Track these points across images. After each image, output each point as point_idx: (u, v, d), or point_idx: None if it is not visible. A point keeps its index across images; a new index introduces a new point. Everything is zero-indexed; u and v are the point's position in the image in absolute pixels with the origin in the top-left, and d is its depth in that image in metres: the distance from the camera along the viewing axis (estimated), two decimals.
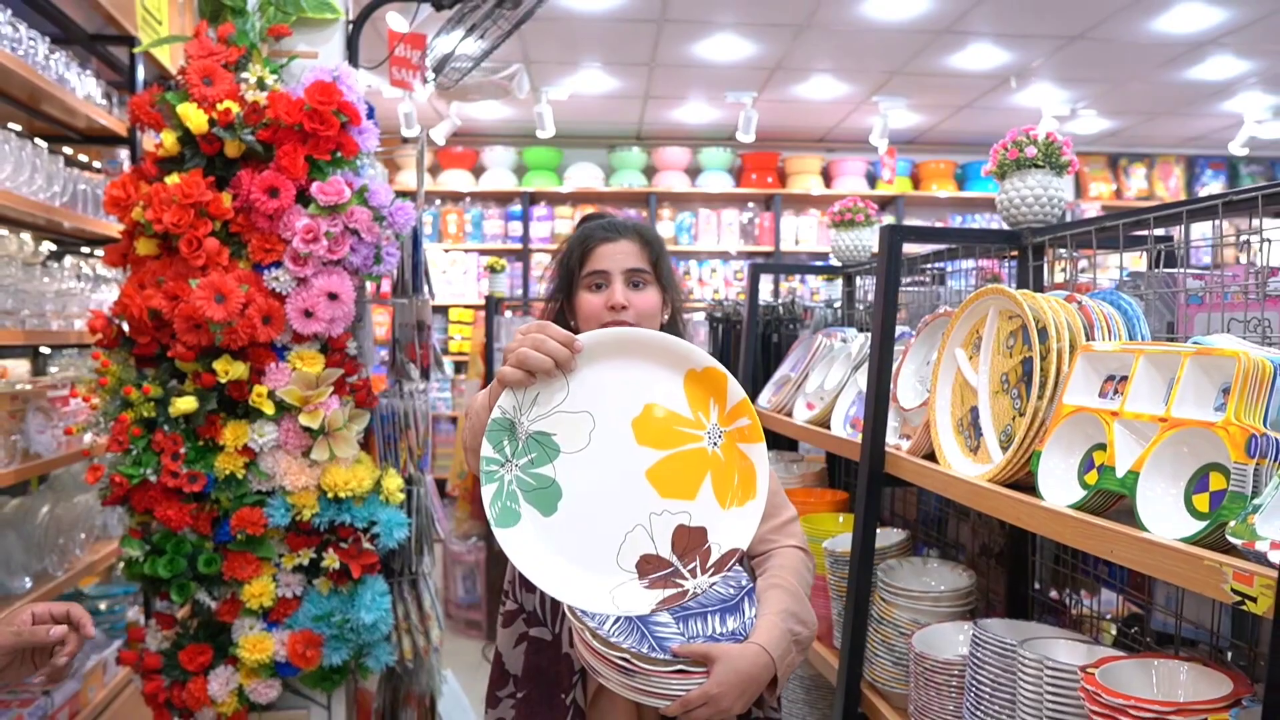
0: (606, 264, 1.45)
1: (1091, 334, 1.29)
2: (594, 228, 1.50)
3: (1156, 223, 1.35)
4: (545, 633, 1.47)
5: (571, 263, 1.48)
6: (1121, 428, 1.09)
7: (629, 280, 1.45)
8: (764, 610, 1.33)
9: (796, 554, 1.45)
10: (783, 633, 1.29)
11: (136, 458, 2.16)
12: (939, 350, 1.55)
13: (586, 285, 1.46)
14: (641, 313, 1.44)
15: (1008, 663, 1.23)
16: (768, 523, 1.47)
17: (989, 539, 1.87)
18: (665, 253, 1.52)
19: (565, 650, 1.44)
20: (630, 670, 1.21)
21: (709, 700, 1.21)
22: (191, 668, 2.24)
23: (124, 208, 2.19)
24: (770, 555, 1.45)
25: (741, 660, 1.24)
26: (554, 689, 1.44)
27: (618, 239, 1.46)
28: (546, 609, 1.47)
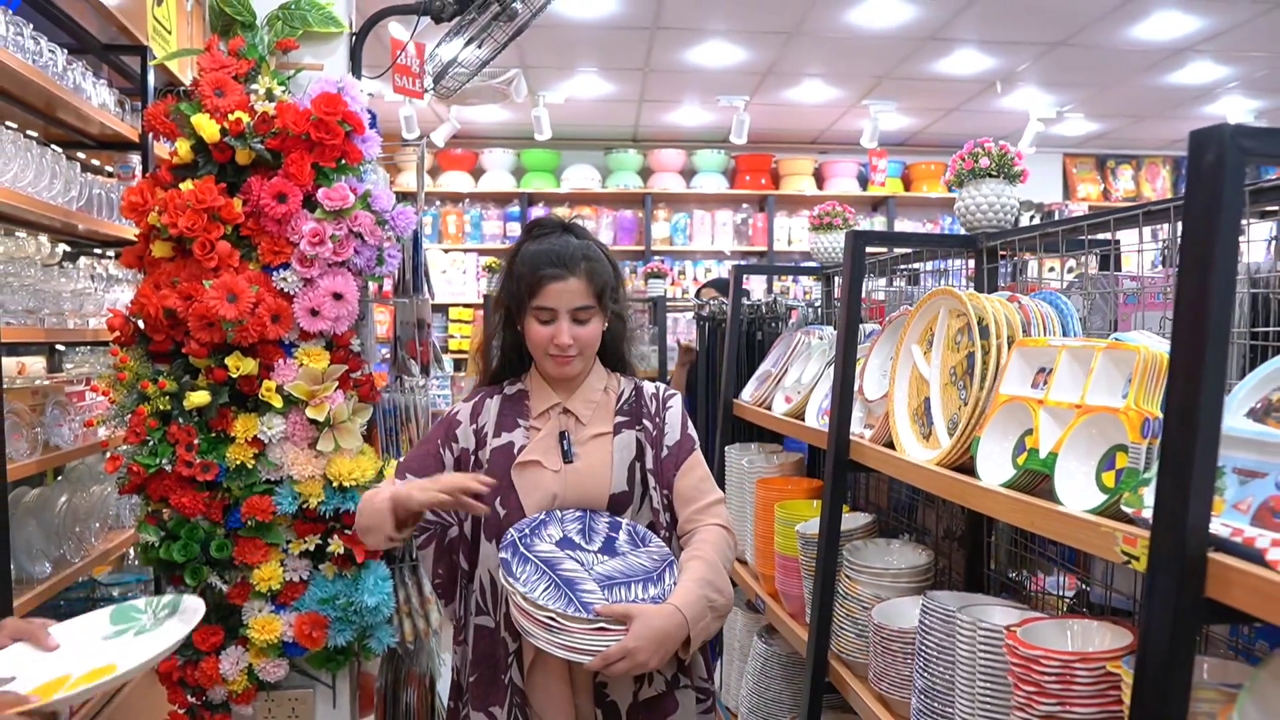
0: (554, 302, 1.60)
1: (1029, 330, 1.43)
2: (544, 259, 1.62)
3: (1091, 229, 1.48)
4: (488, 619, 1.61)
5: (521, 291, 1.63)
6: (1045, 414, 1.23)
7: (574, 317, 1.61)
8: (683, 578, 1.48)
9: (719, 531, 1.60)
10: (698, 597, 1.44)
11: (153, 448, 2.25)
12: (898, 346, 1.68)
13: (535, 315, 1.62)
14: (584, 344, 1.62)
15: (950, 627, 1.36)
16: (693, 505, 1.62)
17: (951, 523, 2.00)
18: (612, 279, 1.66)
19: (502, 634, 1.58)
20: (555, 628, 1.36)
21: (626, 654, 1.35)
22: (204, 648, 2.34)
23: (141, 212, 2.30)
24: (696, 531, 1.60)
25: (657, 619, 1.38)
26: (495, 670, 1.59)
27: (567, 278, 1.60)
28: (488, 598, 1.61)
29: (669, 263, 7.14)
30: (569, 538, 1.55)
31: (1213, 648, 1.22)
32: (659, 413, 1.68)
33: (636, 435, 1.65)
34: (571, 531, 1.57)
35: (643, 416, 1.67)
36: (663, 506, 1.63)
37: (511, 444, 1.64)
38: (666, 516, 1.64)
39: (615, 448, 1.63)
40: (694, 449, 1.68)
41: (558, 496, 1.60)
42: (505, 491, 1.61)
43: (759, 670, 2.36)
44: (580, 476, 1.61)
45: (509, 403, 1.70)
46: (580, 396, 1.67)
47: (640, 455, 1.64)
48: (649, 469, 1.63)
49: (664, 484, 1.64)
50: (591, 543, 1.56)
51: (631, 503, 1.63)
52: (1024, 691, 1.11)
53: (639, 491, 1.63)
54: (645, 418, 1.67)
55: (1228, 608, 0.83)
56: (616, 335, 1.72)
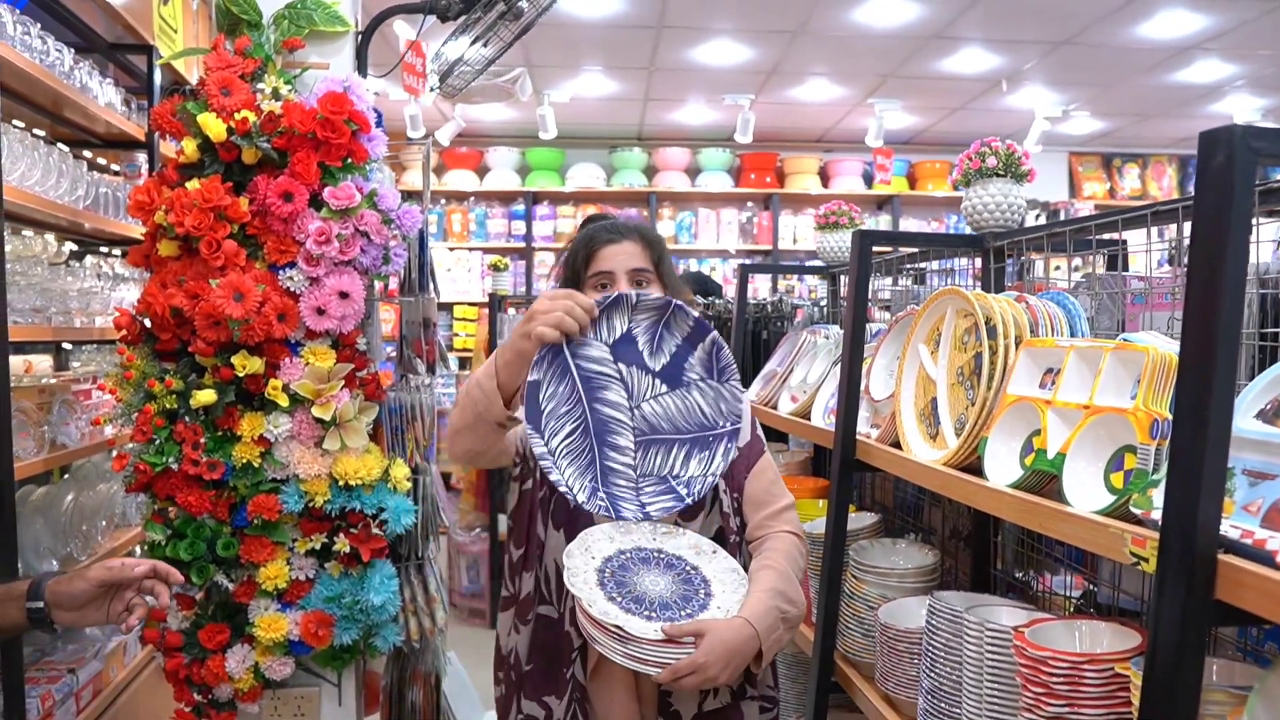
0: (611, 264, 1.53)
1: (1037, 331, 1.42)
2: (598, 229, 1.58)
3: (1099, 229, 1.48)
4: (551, 610, 1.54)
5: (577, 263, 1.57)
6: (1054, 414, 1.22)
7: (633, 280, 1.53)
8: (754, 588, 1.41)
9: (790, 539, 1.53)
10: (768, 609, 1.37)
11: (159, 447, 2.25)
12: (905, 346, 1.68)
13: (592, 285, 1.54)
14: None
15: (957, 628, 1.36)
16: (764, 510, 1.55)
17: (958, 522, 2.00)
18: (667, 253, 1.61)
19: (567, 628, 1.51)
20: (624, 639, 1.29)
21: (696, 669, 1.29)
22: (210, 646, 2.34)
23: (147, 211, 2.30)
24: (766, 539, 1.53)
25: (728, 633, 1.32)
26: (557, 663, 1.52)
27: (621, 240, 1.55)
28: (552, 588, 1.54)
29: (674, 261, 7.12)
30: (631, 334, 1.40)
31: (1221, 649, 1.22)
32: None
33: None
34: (637, 330, 1.41)
35: None
36: (733, 510, 1.56)
37: None
38: (736, 521, 1.57)
39: None
40: (764, 450, 1.62)
41: None
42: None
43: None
44: None
45: None
46: None
47: None
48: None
49: (734, 487, 1.57)
50: (655, 357, 1.40)
51: (703, 507, 1.55)
52: (1032, 692, 1.10)
53: (710, 495, 1.56)
54: None
55: (1238, 610, 0.83)
56: None
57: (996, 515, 1.24)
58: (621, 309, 1.43)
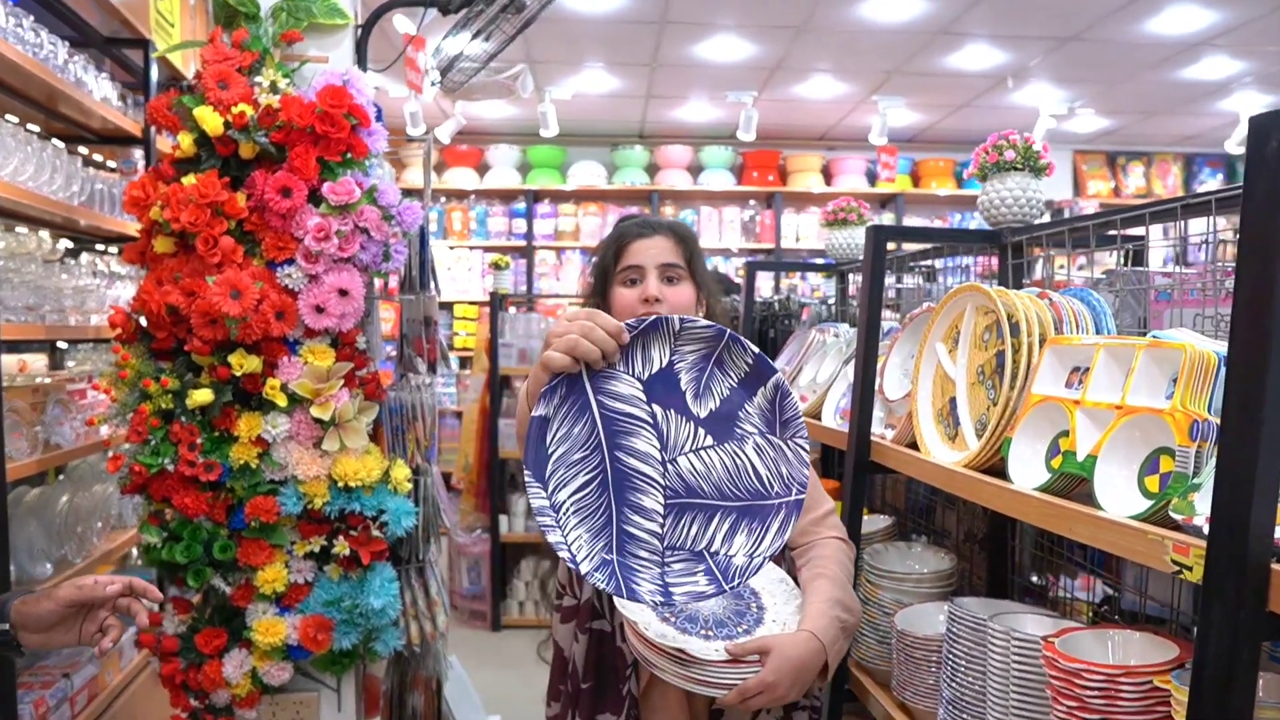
0: (641, 259, 1.48)
1: (1061, 328, 1.37)
2: (628, 226, 1.54)
3: (1124, 224, 1.43)
4: (605, 624, 1.49)
5: (606, 260, 1.51)
6: (1083, 415, 1.17)
7: (663, 275, 1.48)
8: (812, 599, 1.35)
9: (837, 544, 1.48)
10: (831, 620, 1.31)
11: (155, 448, 2.22)
12: (921, 344, 1.63)
13: (621, 280, 1.49)
14: (675, 306, 1.45)
15: (980, 636, 1.31)
16: (807, 515, 1.49)
17: (973, 525, 1.95)
18: (699, 250, 1.56)
19: (619, 643, 1.46)
20: (685, 661, 1.20)
21: (765, 688, 1.23)
22: (207, 650, 2.30)
23: (143, 207, 2.26)
24: (812, 546, 1.48)
25: (795, 649, 1.25)
26: (614, 679, 1.46)
27: (652, 235, 1.50)
28: (604, 601, 1.48)
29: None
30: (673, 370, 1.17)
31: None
32: None
33: None
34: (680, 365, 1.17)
35: None
36: None
37: None
38: None
39: None
40: None
41: None
42: None
43: None
44: None
45: None
46: None
47: None
48: None
49: None
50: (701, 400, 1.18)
51: None
52: (1064, 706, 1.06)
53: None
54: None
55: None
56: (713, 318, 1.56)
57: (1023, 520, 1.19)
58: (661, 336, 1.16)
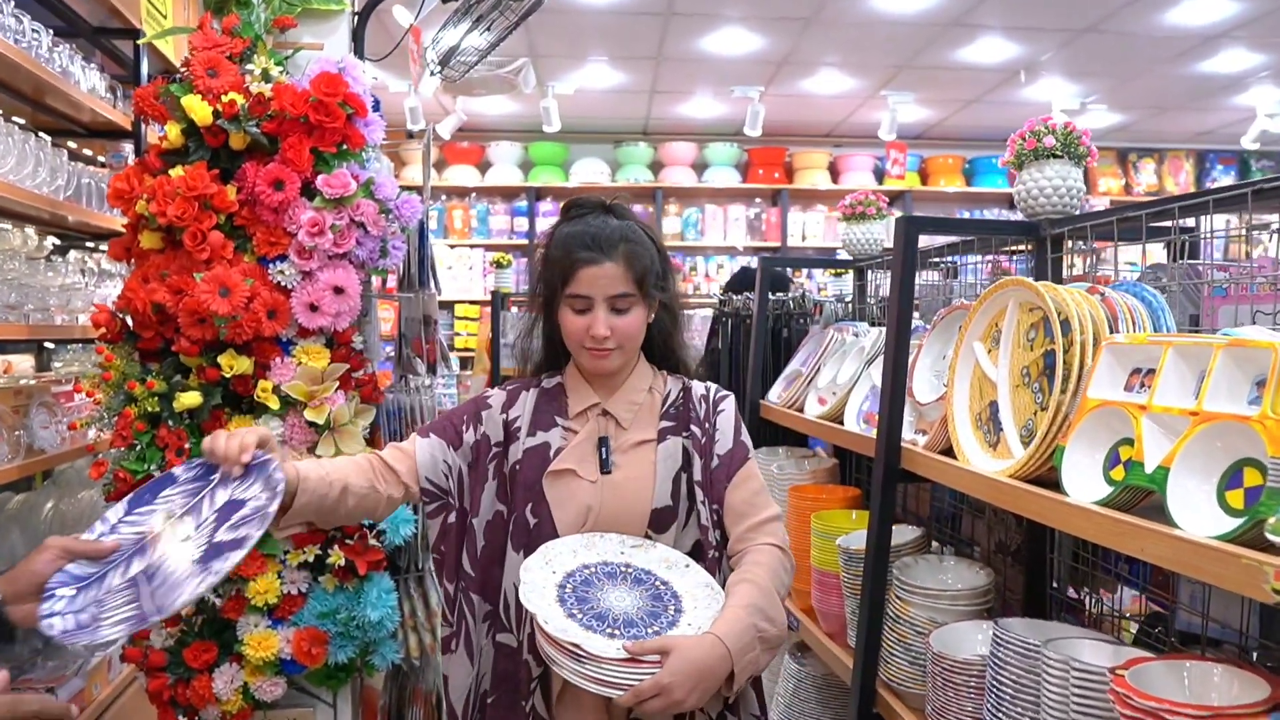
0: (589, 290, 1.44)
1: (1115, 326, 1.26)
2: (579, 241, 1.46)
3: (1181, 213, 1.32)
4: (510, 638, 1.46)
5: (554, 278, 1.47)
6: (1150, 422, 1.06)
7: (612, 305, 1.44)
8: (730, 603, 1.32)
9: (773, 551, 1.43)
10: (745, 627, 1.27)
11: (140, 453, 2.14)
12: (956, 344, 1.52)
13: (569, 303, 1.46)
14: (624, 336, 1.45)
15: (1031, 663, 1.20)
16: (745, 522, 1.45)
17: (1005, 536, 1.84)
18: (652, 261, 1.48)
19: (525, 656, 1.43)
20: (581, 657, 1.21)
21: (661, 690, 1.19)
22: (196, 665, 2.22)
23: (128, 201, 2.16)
24: (746, 552, 1.43)
25: (696, 651, 1.22)
26: (515, 695, 1.44)
27: (603, 261, 1.44)
28: (511, 614, 1.46)
29: (680, 258, 6.98)
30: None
31: None
32: (709, 416, 1.51)
33: (683, 442, 1.48)
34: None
35: (690, 421, 1.50)
36: (711, 523, 1.46)
37: (547, 446, 1.48)
38: (716, 534, 1.46)
39: (659, 457, 1.47)
40: (748, 458, 1.51)
41: (592, 509, 1.44)
42: (536, 500, 1.45)
43: (791, 692, 2.21)
44: (619, 489, 1.45)
45: (545, 398, 1.54)
46: (622, 397, 1.50)
47: (687, 465, 1.47)
48: (696, 480, 1.46)
49: (714, 498, 1.47)
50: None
51: (676, 519, 1.45)
52: None
53: (684, 506, 1.46)
54: (694, 422, 1.49)
55: None
56: (664, 328, 1.54)
57: (1083, 537, 1.08)
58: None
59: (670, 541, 1.45)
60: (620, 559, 1.40)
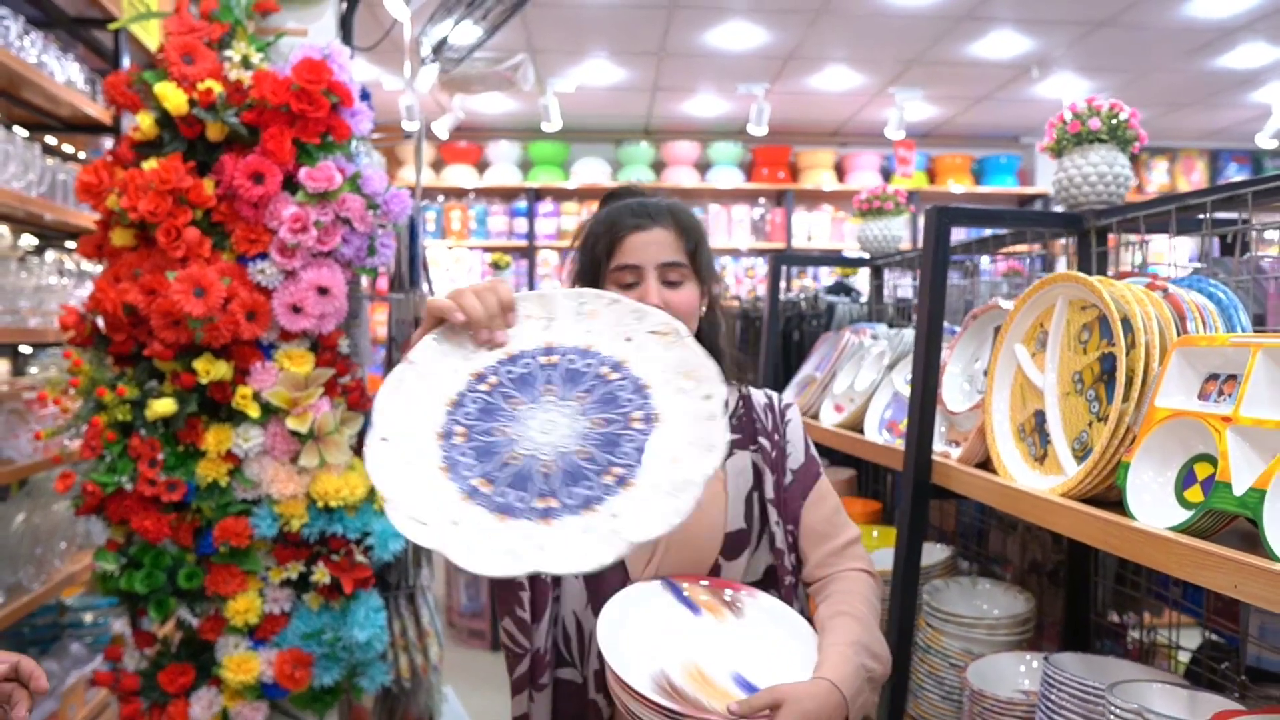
0: (639, 258, 1.28)
1: (1183, 327, 1.12)
2: (624, 210, 1.32)
3: (1255, 200, 1.18)
4: (575, 674, 1.29)
5: (598, 251, 1.31)
6: (1236, 436, 0.92)
7: (664, 277, 1.29)
8: (832, 640, 1.15)
9: (865, 579, 1.27)
10: (856, 668, 1.11)
11: (111, 464, 2.02)
12: (993, 347, 1.38)
13: (615, 280, 1.29)
14: (678, 314, 1.25)
15: (1090, 709, 1.06)
16: (827, 544, 1.30)
17: (1040, 555, 1.70)
18: (704, 237, 1.35)
19: (593, 695, 1.27)
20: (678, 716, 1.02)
21: None
22: (172, 689, 2.10)
23: (98, 195, 2.04)
24: (832, 579, 1.27)
25: (809, 701, 1.05)
26: None
27: (651, 227, 1.29)
28: (572, 647, 1.28)
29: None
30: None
31: None
32: (777, 428, 1.36)
33: (752, 457, 1.33)
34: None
35: (758, 433, 1.34)
36: (786, 546, 1.30)
37: None
38: (791, 559, 1.31)
39: (729, 474, 1.31)
40: (820, 473, 1.36)
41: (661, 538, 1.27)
42: None
43: None
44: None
45: None
46: None
47: (759, 483, 1.32)
48: (769, 499, 1.31)
49: (788, 518, 1.32)
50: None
51: (749, 544, 1.30)
52: None
53: (758, 528, 1.31)
54: (761, 434, 1.35)
55: None
56: (714, 325, 1.38)
57: (1158, 569, 0.94)
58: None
59: (743, 567, 1.30)
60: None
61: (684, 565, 1.27)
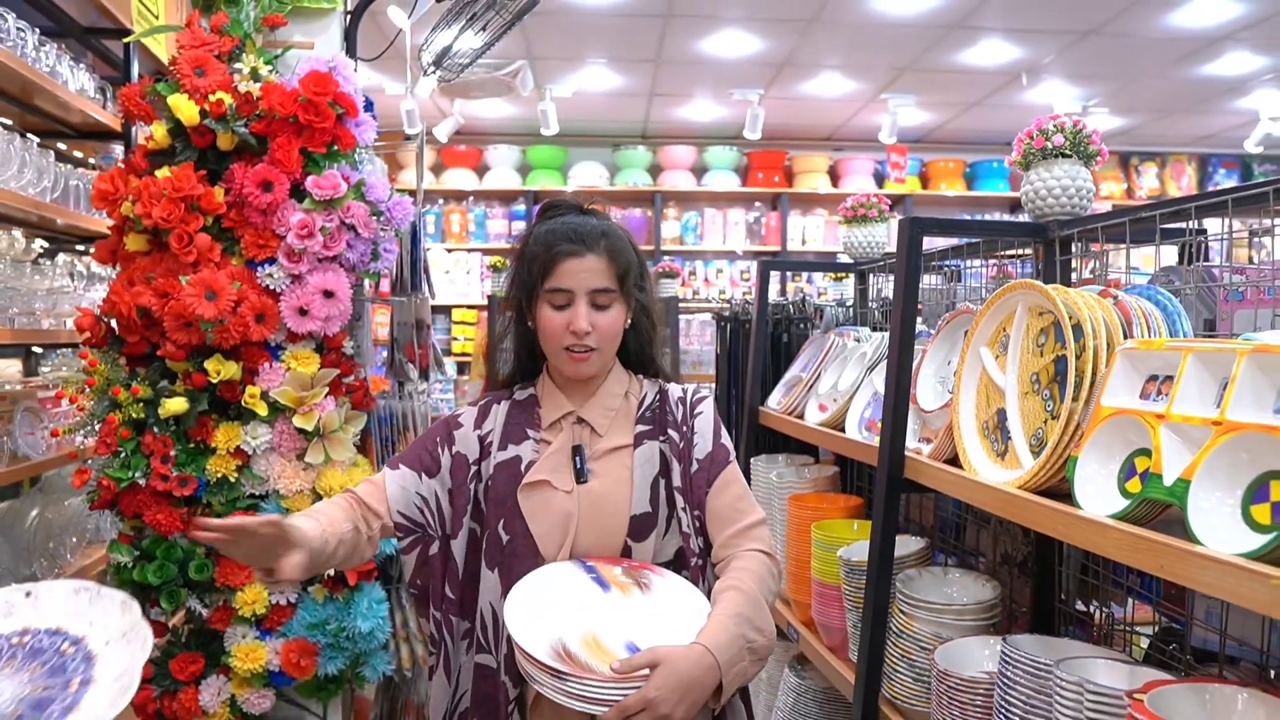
0: (571, 283, 1.39)
1: (1130, 331, 1.21)
2: (561, 234, 1.42)
3: (1198, 213, 1.27)
4: (490, 659, 1.42)
5: (534, 270, 1.42)
6: (1169, 432, 1.01)
7: (593, 301, 1.40)
8: (716, 611, 1.27)
9: (760, 558, 1.38)
10: (733, 637, 1.23)
11: (125, 460, 2.09)
12: (962, 349, 1.47)
13: (548, 300, 1.41)
14: (605, 334, 1.41)
15: (1041, 684, 1.15)
16: (730, 527, 1.41)
17: (1011, 547, 1.79)
18: (634, 259, 1.45)
19: (503, 678, 1.38)
20: (563, 675, 1.16)
21: (647, 705, 1.15)
22: (182, 677, 2.17)
23: (113, 202, 2.12)
24: (732, 559, 1.38)
25: (683, 663, 1.17)
26: (496, 717, 1.40)
27: (585, 254, 1.40)
28: (489, 634, 1.41)
29: (679, 262, 6.93)
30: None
31: None
32: (686, 420, 1.46)
33: (660, 447, 1.43)
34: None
35: (668, 425, 1.45)
36: (693, 530, 1.41)
37: (518, 459, 1.43)
38: (699, 542, 1.41)
39: (635, 462, 1.42)
40: (729, 461, 1.46)
41: (572, 518, 1.38)
42: (509, 516, 1.40)
43: (791, 706, 2.15)
44: (596, 497, 1.40)
45: (517, 409, 1.49)
46: (597, 403, 1.46)
47: (665, 470, 1.42)
48: (676, 486, 1.41)
49: (694, 503, 1.42)
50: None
51: (656, 526, 1.40)
52: None
53: (664, 513, 1.41)
54: (670, 426, 1.45)
55: None
56: (642, 331, 1.50)
57: (1100, 553, 1.03)
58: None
59: (651, 549, 1.40)
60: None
61: (594, 547, 1.39)
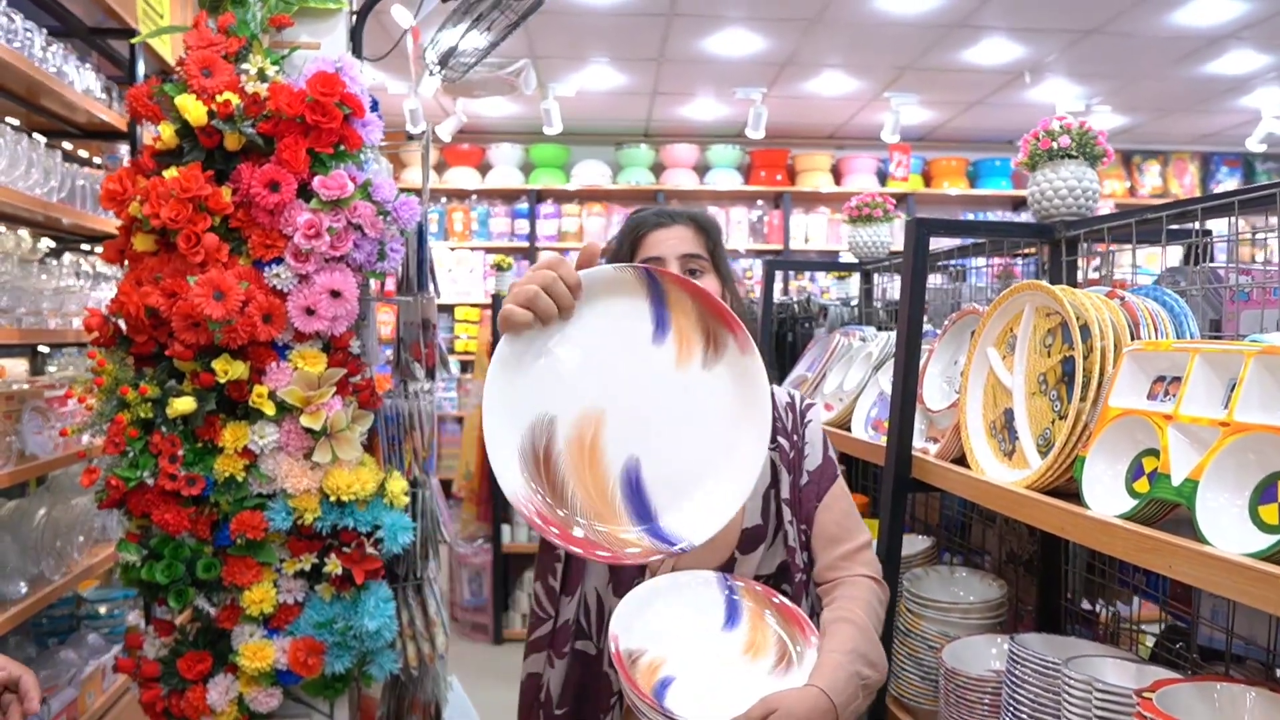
0: (660, 250, 1.36)
1: (1137, 332, 1.22)
2: (646, 215, 1.42)
3: (1205, 214, 1.28)
4: (589, 646, 1.36)
5: (622, 250, 1.39)
6: (1176, 432, 1.02)
7: (685, 267, 1.35)
8: (830, 647, 1.19)
9: (869, 585, 1.32)
10: (849, 675, 1.15)
11: (133, 460, 2.09)
12: (969, 349, 1.47)
13: None
14: None
15: (1049, 682, 1.16)
16: (837, 548, 1.35)
17: (1017, 546, 1.80)
18: (722, 240, 1.43)
19: (605, 668, 1.33)
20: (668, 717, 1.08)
21: None
22: (190, 676, 2.18)
23: (121, 202, 2.12)
24: (840, 584, 1.32)
25: (800, 706, 1.10)
26: (593, 709, 1.34)
27: (671, 224, 1.38)
28: (591, 620, 1.35)
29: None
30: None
31: None
32: (796, 428, 1.40)
33: (771, 456, 1.37)
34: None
35: (777, 433, 1.39)
36: (799, 545, 1.36)
37: None
38: (803, 557, 1.36)
39: None
40: (837, 476, 1.41)
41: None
42: None
43: None
44: None
45: None
46: None
47: (775, 481, 1.37)
48: (784, 499, 1.36)
49: (802, 517, 1.37)
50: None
51: (765, 539, 1.36)
52: None
53: (773, 525, 1.36)
54: (780, 434, 1.39)
55: None
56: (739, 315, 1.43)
57: (1108, 553, 1.04)
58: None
59: (756, 562, 1.35)
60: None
61: (701, 559, 1.29)
